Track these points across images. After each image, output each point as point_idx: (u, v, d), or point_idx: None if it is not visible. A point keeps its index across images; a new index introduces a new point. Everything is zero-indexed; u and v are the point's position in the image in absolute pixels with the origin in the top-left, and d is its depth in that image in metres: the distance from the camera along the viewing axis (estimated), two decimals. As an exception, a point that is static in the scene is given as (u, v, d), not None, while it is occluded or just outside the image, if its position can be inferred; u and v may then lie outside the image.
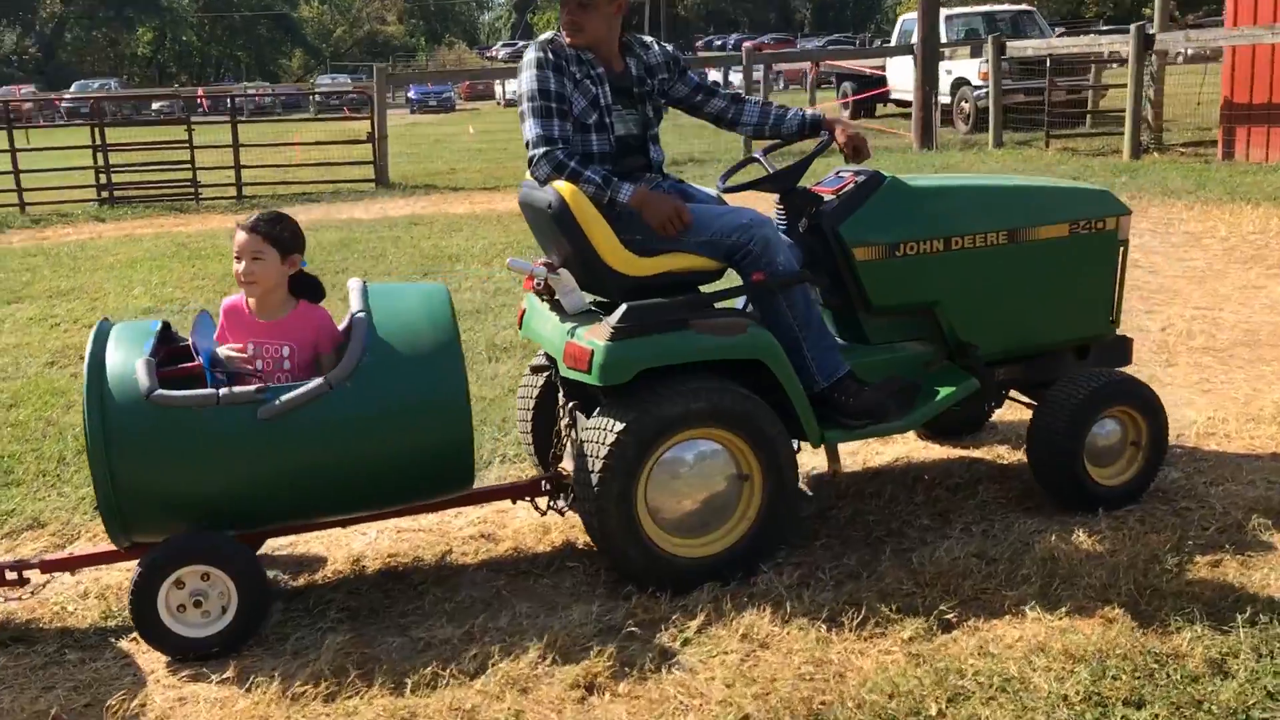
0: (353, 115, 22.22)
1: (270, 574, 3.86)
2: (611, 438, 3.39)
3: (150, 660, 3.35)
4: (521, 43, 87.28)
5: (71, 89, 49.01)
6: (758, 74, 18.98)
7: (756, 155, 4.13)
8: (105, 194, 14.88)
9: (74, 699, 3.14)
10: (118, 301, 8.35)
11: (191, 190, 14.98)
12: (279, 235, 3.52)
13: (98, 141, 14.79)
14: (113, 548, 3.50)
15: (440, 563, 3.93)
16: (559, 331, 3.65)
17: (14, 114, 31.68)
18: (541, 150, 3.59)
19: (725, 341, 3.50)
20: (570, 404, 3.83)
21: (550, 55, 3.63)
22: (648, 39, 3.93)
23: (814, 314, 3.71)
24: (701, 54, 42.41)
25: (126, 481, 3.26)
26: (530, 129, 3.62)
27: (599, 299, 3.81)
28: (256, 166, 15.79)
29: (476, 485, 3.80)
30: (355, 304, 3.57)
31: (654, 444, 3.42)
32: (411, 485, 3.56)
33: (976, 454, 4.61)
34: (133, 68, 75.66)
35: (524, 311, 4.06)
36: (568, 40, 3.67)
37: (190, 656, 3.33)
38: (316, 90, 43.55)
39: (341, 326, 3.63)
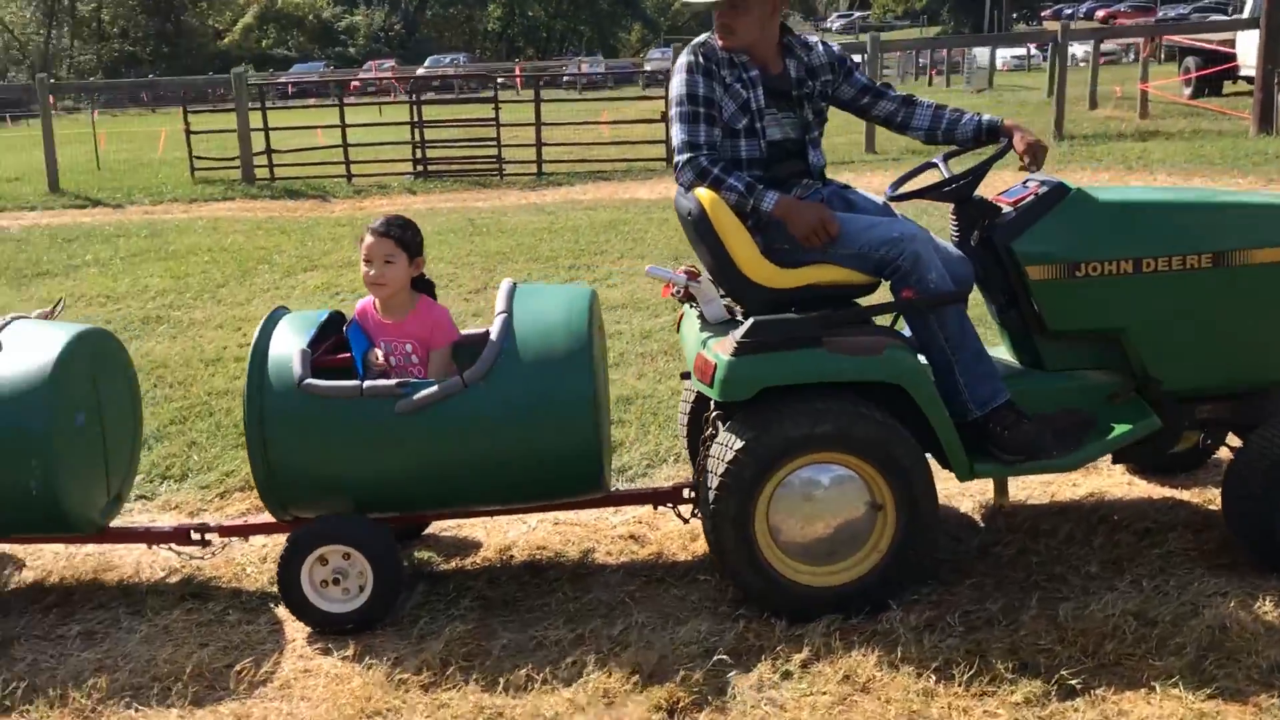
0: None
1: (424, 555, 4.06)
2: (730, 455, 3.30)
3: (294, 629, 3.60)
4: (857, 14, 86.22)
5: (425, 64, 52.90)
6: (1083, 48, 17.64)
7: (935, 161, 3.86)
8: (420, 168, 15.97)
9: (219, 659, 3.42)
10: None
11: (495, 166, 15.79)
12: (409, 239, 3.66)
13: (415, 118, 15.88)
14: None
15: (581, 560, 3.97)
16: (696, 340, 3.59)
17: (373, 87, 34.42)
18: (686, 156, 3.51)
19: (858, 362, 3.31)
20: (713, 414, 3.76)
21: (701, 59, 3.54)
22: (812, 39, 3.75)
23: (969, 336, 3.44)
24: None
25: (277, 460, 3.51)
26: (677, 134, 3.55)
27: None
28: (557, 145, 16.44)
29: (640, 485, 3.81)
30: (499, 304, 3.65)
31: (773, 466, 3.29)
32: (539, 486, 3.61)
33: (1181, 496, 4.13)
34: (485, 43, 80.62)
35: (682, 315, 4.02)
36: (720, 43, 3.57)
37: (328, 630, 3.54)
38: (644, 66, 44.43)
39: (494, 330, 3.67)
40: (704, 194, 3.47)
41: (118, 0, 63.09)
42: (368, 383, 3.49)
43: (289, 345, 3.60)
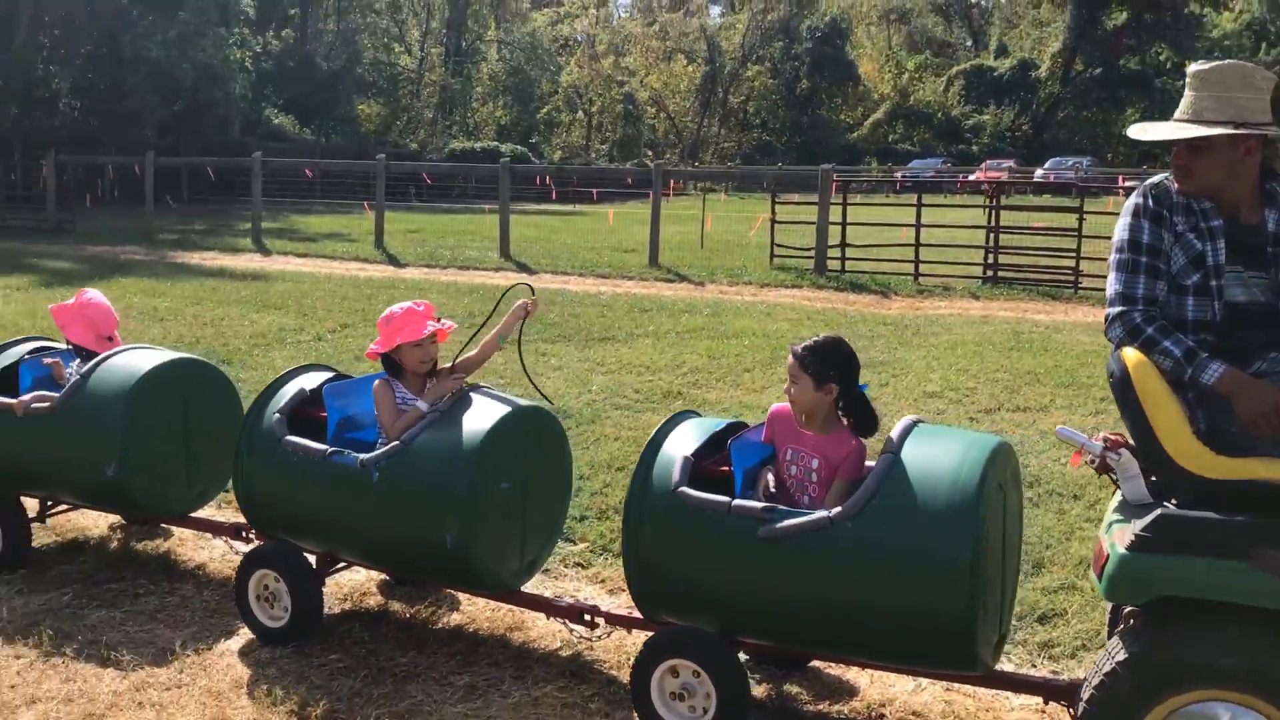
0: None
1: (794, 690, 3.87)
2: (1109, 668, 2.78)
3: None
4: None
5: (1046, 165, 51.76)
6: None
7: None
8: (990, 273, 15.55)
9: None
10: (905, 382, 8.75)
11: (1071, 278, 14.93)
12: (813, 366, 3.52)
13: (992, 222, 15.52)
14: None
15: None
16: (1107, 520, 3.08)
17: (985, 187, 34.27)
18: (1117, 310, 3.05)
19: (1292, 588, 2.63)
20: (1127, 609, 3.20)
21: (1150, 202, 3.06)
22: (1306, 187, 3.08)
23: None
24: None
25: (645, 560, 3.55)
26: (1111, 284, 3.10)
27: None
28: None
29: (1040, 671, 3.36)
30: (889, 443, 3.41)
31: (1155, 693, 2.72)
32: (900, 645, 3.29)
33: None
34: (1119, 147, 77.05)
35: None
36: (1176, 186, 3.05)
37: None
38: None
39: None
40: (1132, 355, 2.99)
41: (763, 94, 68.93)
42: (736, 501, 3.42)
43: (678, 449, 3.63)
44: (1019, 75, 71.71)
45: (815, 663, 4.02)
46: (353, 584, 4.79)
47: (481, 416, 3.99)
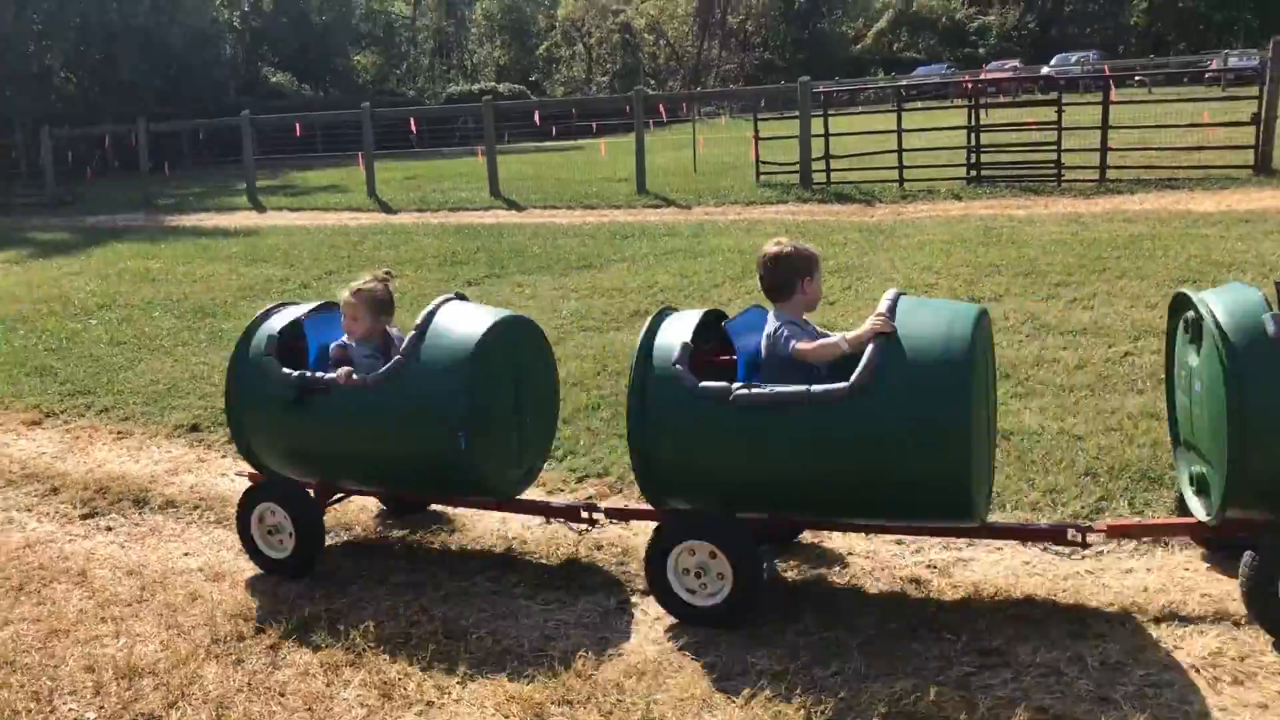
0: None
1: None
2: None
3: (653, 619, 3.83)
4: None
5: (1052, 62, 51.01)
6: None
7: None
8: (974, 173, 15.58)
9: (551, 634, 3.76)
10: (867, 284, 8.93)
11: (1053, 172, 14.95)
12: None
13: (973, 122, 15.52)
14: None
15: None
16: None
17: (993, 89, 33.86)
18: None
19: None
20: None
21: None
22: None
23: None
24: None
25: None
26: None
27: None
28: (1123, 149, 15.15)
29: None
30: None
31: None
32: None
33: None
34: (1128, 39, 75.51)
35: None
36: None
37: (691, 621, 3.73)
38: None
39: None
40: None
41: (761, 12, 68.05)
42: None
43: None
44: (1023, -28, 70.40)
45: (806, 534, 4.27)
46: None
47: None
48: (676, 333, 3.77)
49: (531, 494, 4.65)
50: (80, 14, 35.79)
